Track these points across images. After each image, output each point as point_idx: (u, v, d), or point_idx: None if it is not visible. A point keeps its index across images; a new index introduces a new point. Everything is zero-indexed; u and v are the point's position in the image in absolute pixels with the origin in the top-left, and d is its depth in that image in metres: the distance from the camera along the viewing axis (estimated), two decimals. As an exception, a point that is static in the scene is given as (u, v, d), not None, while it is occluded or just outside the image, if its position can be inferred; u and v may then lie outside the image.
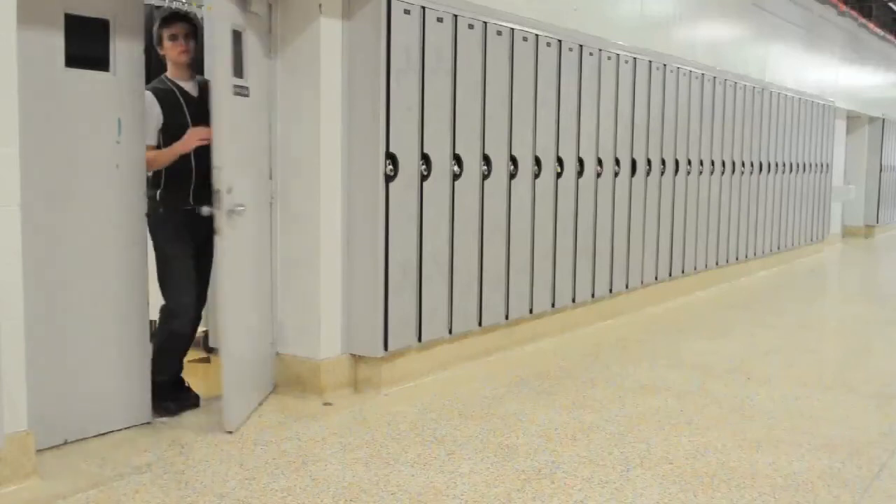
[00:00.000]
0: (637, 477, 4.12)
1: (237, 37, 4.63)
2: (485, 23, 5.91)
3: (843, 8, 13.21)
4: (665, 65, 8.17)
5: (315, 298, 5.21)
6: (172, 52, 4.81)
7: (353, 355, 5.37)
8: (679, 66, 8.41)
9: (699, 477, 4.13)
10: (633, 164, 7.77)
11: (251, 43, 4.80)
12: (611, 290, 7.56)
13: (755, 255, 10.49)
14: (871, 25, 14.64)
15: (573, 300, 7.07)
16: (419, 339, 5.56)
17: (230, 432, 4.54)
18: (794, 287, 9.42)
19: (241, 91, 4.67)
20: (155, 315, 4.86)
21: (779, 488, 4.02)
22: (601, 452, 4.43)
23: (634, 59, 7.68)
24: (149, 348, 4.71)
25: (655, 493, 3.95)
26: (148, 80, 4.68)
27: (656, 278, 8.29)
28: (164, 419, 4.71)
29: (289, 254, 5.26)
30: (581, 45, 6.96)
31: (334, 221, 5.26)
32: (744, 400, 5.39)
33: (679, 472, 4.19)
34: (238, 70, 4.64)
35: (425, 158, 5.51)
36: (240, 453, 4.29)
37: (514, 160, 6.30)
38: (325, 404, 5.09)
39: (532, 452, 4.39)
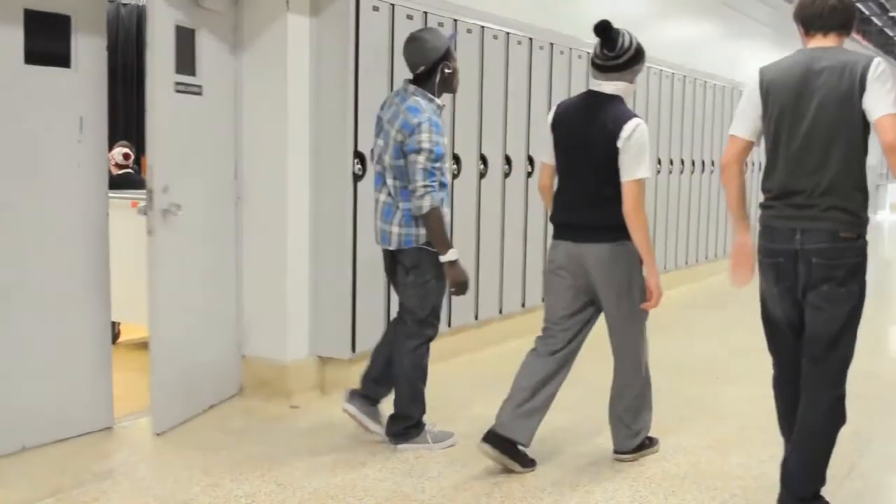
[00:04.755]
0: (607, 479, 4.08)
1: (186, 34, 4.57)
2: (455, 20, 5.86)
3: (812, 7, 13.24)
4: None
5: (281, 299, 5.13)
6: None
7: (321, 357, 5.29)
8: (650, 65, 8.37)
9: (670, 478, 4.10)
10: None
11: (206, 40, 4.74)
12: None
13: (726, 253, 10.50)
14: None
15: (543, 300, 7.01)
16: (388, 340, 5.48)
17: (159, 434, 4.47)
18: (750, 288, 9.42)
19: (191, 89, 4.62)
20: (117, 317, 4.77)
21: (749, 489, 4.00)
22: (571, 454, 4.39)
23: (605, 57, 7.63)
24: (110, 350, 4.61)
25: (626, 495, 3.92)
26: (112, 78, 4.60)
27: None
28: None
29: (255, 254, 5.17)
30: (552, 44, 6.93)
31: (301, 221, 5.18)
32: (714, 400, 5.37)
33: (649, 473, 4.16)
34: (188, 67, 4.58)
35: (394, 157, 5.44)
36: (203, 459, 4.20)
37: (483, 159, 6.25)
38: (292, 407, 5.02)
39: (501, 455, 4.34)
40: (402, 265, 4.29)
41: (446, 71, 4.24)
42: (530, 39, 6.66)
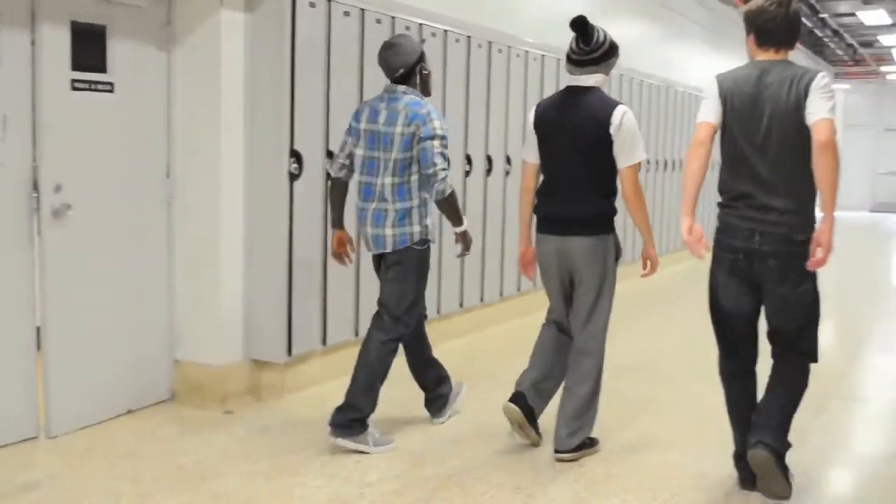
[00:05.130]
0: (548, 482, 4.04)
1: (92, 30, 4.48)
2: (392, 18, 5.77)
3: (745, 9, 13.44)
4: (573, 63, 8.13)
5: (214, 301, 5.00)
6: None
7: (255, 361, 5.17)
8: (587, 64, 8.39)
9: (610, 479, 4.08)
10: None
11: (122, 36, 4.63)
12: (519, 289, 7.50)
13: (664, 251, 10.57)
14: (771, 27, 14.95)
15: (481, 300, 7.00)
16: (324, 343, 5.39)
17: (53, 437, 4.34)
18: (693, 282, 9.49)
19: (97, 86, 4.52)
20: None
21: (689, 489, 4.00)
22: (513, 457, 4.34)
23: (543, 56, 7.64)
24: (35, 357, 4.43)
25: (568, 497, 3.89)
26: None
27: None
28: None
29: (186, 255, 5.03)
30: (490, 42, 6.88)
31: (235, 221, 5.06)
32: (652, 398, 5.37)
33: (590, 474, 4.13)
34: (95, 64, 4.49)
35: (331, 156, 5.34)
36: (134, 469, 4.06)
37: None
38: (226, 413, 4.89)
39: (442, 459, 4.28)
40: (384, 261, 4.40)
41: (424, 72, 4.45)
42: (468, 38, 6.61)
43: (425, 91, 4.49)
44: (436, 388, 4.78)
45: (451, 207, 4.38)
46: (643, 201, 4.26)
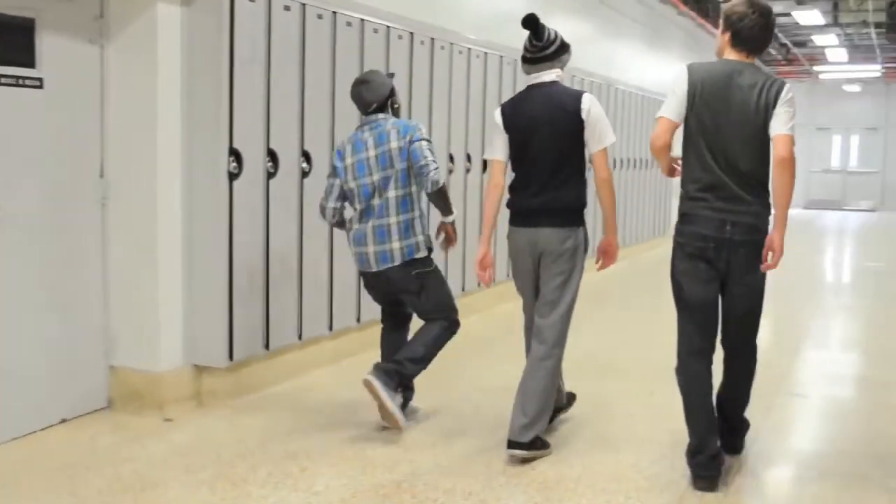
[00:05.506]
0: (500, 486, 3.96)
1: (18, 23, 4.32)
2: (334, 13, 5.65)
3: (683, 8, 13.58)
4: (516, 60, 8.06)
5: (153, 306, 4.83)
6: None
7: (196, 366, 5.01)
8: (529, 61, 8.35)
9: (563, 482, 4.02)
10: (486, 161, 7.65)
11: (53, 29, 4.45)
12: (463, 289, 7.43)
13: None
14: (709, 25, 15.11)
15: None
16: (266, 347, 5.26)
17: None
18: (642, 281, 9.54)
19: (24, 81, 4.35)
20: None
21: (643, 490, 3.95)
22: (463, 461, 4.26)
23: (486, 53, 7.57)
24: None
25: (520, 502, 3.81)
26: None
27: (508, 275, 8.20)
28: None
29: (122, 257, 4.85)
30: (432, 39, 6.80)
31: (173, 223, 4.89)
32: (601, 397, 5.33)
33: (543, 478, 4.06)
34: (23, 58, 4.33)
35: (272, 155, 5.21)
36: (70, 481, 3.89)
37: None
38: (166, 420, 4.72)
39: (391, 464, 4.18)
40: (408, 292, 4.65)
41: (395, 105, 4.72)
42: (411, 34, 6.51)
43: None
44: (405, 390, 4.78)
45: (442, 198, 4.63)
46: (612, 186, 4.36)
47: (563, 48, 4.38)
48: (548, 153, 4.25)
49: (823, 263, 13.36)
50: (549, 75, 4.32)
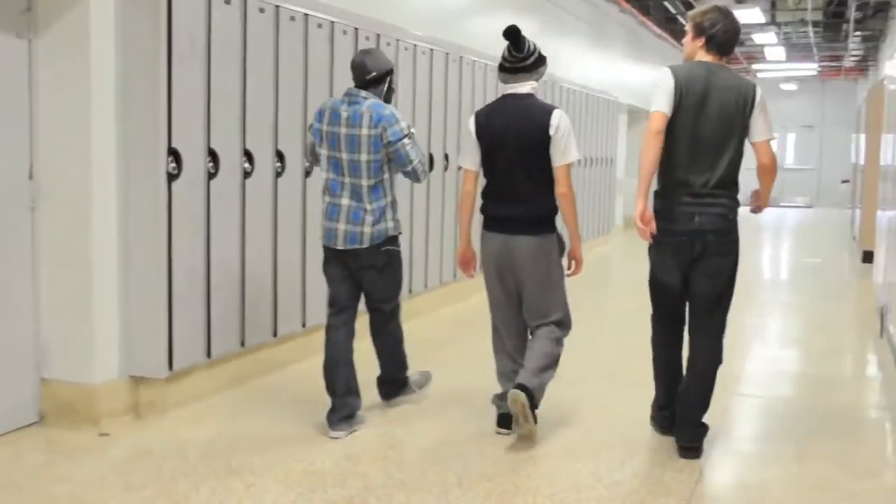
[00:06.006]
0: (456, 499, 3.82)
1: None
2: (277, 7, 5.45)
3: (625, 6, 13.57)
4: (462, 57, 7.97)
5: (87, 314, 4.59)
6: None
7: (134, 377, 4.77)
8: (475, 58, 8.23)
9: (521, 493, 3.89)
10: (430, 158, 7.50)
11: None
12: (410, 291, 7.27)
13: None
14: (650, 23, 15.15)
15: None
16: (208, 355, 5.04)
17: None
18: (588, 281, 9.47)
19: None
20: None
21: (604, 499, 3.85)
22: (415, 473, 4.10)
23: (432, 50, 7.42)
24: None
25: (478, 516, 3.67)
26: None
27: (455, 276, 8.08)
28: None
29: (54, 263, 4.60)
30: (378, 35, 6.62)
31: (108, 226, 4.65)
32: (556, 402, 5.20)
33: (500, 489, 3.93)
34: None
35: (212, 154, 5.00)
36: (-2, 504, 3.65)
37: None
38: (102, 435, 4.48)
39: (341, 478, 4.01)
40: (357, 261, 4.61)
41: (392, 85, 4.72)
42: (356, 29, 6.33)
43: (388, 102, 4.69)
44: (349, 395, 4.67)
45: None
46: (574, 199, 4.48)
47: (541, 60, 4.51)
48: (518, 163, 4.39)
49: (762, 261, 13.44)
50: (524, 87, 4.48)
